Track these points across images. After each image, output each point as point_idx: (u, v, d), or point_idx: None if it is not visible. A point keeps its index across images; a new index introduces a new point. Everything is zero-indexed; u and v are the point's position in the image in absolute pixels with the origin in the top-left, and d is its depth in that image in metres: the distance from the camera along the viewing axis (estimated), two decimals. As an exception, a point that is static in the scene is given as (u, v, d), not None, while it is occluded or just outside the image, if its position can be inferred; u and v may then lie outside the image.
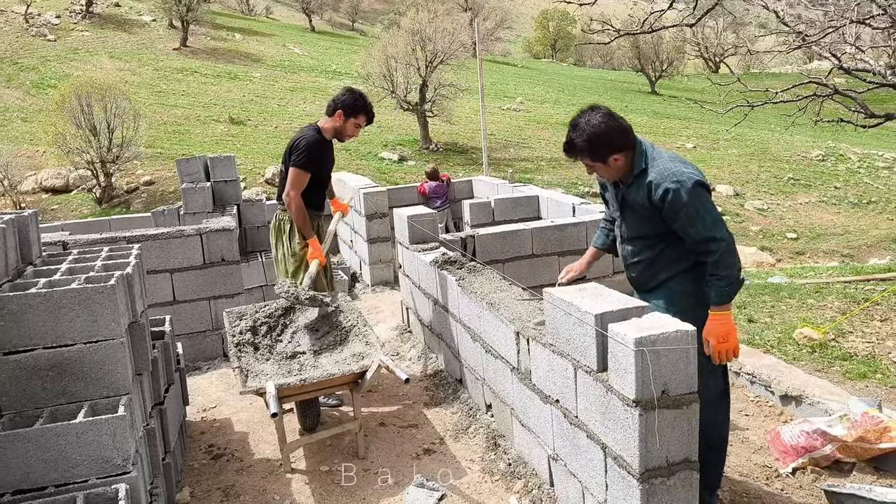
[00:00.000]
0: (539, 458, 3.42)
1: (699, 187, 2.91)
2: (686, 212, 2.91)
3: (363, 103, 4.60)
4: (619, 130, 3.04)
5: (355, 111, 4.55)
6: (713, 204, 2.96)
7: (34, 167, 19.97)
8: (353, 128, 4.59)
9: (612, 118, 3.05)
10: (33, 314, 2.65)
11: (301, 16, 53.57)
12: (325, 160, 4.62)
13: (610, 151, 3.03)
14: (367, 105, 4.64)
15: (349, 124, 4.57)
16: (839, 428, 3.62)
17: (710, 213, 2.92)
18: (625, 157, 3.07)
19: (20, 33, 32.14)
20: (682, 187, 2.90)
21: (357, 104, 4.56)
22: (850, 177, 24.69)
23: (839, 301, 7.15)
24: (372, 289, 7.49)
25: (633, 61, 42.56)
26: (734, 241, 2.97)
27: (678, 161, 3.04)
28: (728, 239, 2.92)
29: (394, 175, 20.58)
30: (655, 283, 3.15)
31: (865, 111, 8.71)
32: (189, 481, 3.70)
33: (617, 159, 3.05)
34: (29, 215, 3.23)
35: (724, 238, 2.91)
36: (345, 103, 4.54)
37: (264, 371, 3.71)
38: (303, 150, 4.42)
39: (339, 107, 4.54)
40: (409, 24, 24.71)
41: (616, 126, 3.04)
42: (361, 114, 4.58)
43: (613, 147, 3.03)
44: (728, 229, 2.95)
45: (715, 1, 8.32)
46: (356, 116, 4.56)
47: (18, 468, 2.51)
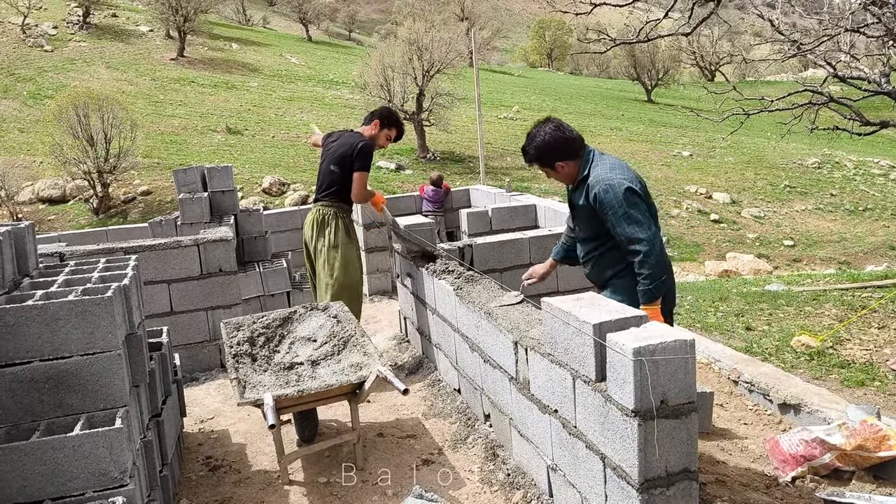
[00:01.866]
0: (538, 468, 3.41)
1: (628, 192, 3.21)
2: (614, 213, 3.23)
3: (398, 119, 5.28)
4: (564, 140, 3.43)
5: (391, 124, 5.19)
6: (644, 208, 3.24)
7: (31, 177, 19.95)
8: (384, 139, 5.19)
9: (559, 130, 3.44)
10: (30, 326, 2.64)
11: (298, 26, 53.72)
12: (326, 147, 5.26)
13: (556, 159, 3.44)
14: (401, 123, 5.32)
15: (382, 134, 5.17)
16: (838, 436, 3.62)
17: (634, 216, 3.19)
18: (572, 164, 3.45)
19: (17, 44, 32.17)
20: (611, 191, 3.23)
21: (393, 118, 5.23)
22: (846, 184, 24.77)
23: (836, 308, 7.16)
24: (370, 298, 7.48)
25: (629, 70, 42.72)
26: (662, 245, 3.22)
27: (616, 168, 3.34)
28: (652, 241, 3.17)
29: (391, 184, 20.59)
30: (605, 279, 3.50)
31: (861, 119, 8.74)
32: (186, 493, 3.68)
33: (563, 166, 3.46)
34: (26, 227, 3.22)
35: (648, 240, 3.17)
36: (383, 115, 5.21)
37: (262, 382, 3.70)
38: (367, 156, 5.01)
39: (377, 117, 5.18)
40: (405, 34, 24.80)
41: (561, 137, 3.43)
42: (395, 127, 5.21)
43: (559, 155, 3.43)
44: (656, 233, 3.21)
45: (710, 10, 8.36)
46: (390, 129, 5.19)
47: (15, 482, 2.50)
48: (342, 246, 5.04)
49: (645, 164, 25.23)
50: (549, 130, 3.44)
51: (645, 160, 25.74)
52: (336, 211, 5.08)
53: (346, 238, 5.08)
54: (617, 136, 29.60)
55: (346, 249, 5.05)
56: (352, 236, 5.15)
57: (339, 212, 5.10)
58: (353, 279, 5.06)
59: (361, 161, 4.96)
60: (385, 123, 5.16)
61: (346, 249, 5.05)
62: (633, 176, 3.32)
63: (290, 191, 19.58)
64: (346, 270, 5.01)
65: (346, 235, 5.09)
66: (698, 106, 22.09)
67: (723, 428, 4.33)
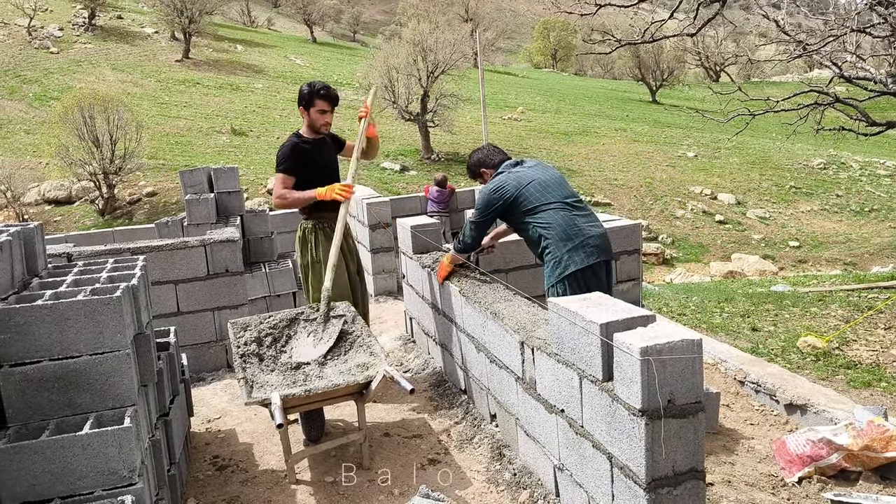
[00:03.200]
0: (544, 468, 3.42)
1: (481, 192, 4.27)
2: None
3: (314, 89, 4.58)
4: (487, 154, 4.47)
5: (310, 100, 4.57)
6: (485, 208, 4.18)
7: (37, 179, 20.04)
8: (318, 116, 4.60)
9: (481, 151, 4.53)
10: (39, 326, 2.65)
11: (303, 27, 53.84)
12: (309, 160, 4.61)
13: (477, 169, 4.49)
14: (319, 89, 4.59)
15: (312, 114, 4.60)
16: (845, 437, 3.62)
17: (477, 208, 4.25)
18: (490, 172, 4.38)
19: (23, 46, 32.31)
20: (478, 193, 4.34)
21: (309, 93, 4.57)
22: (852, 185, 24.72)
23: (843, 309, 7.14)
24: (375, 299, 7.50)
25: (633, 71, 42.69)
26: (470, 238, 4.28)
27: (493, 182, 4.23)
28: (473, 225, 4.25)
29: (395, 185, 20.62)
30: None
31: (866, 119, 8.73)
32: (194, 493, 3.69)
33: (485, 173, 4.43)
34: (35, 227, 3.23)
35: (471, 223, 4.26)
36: (300, 97, 4.62)
37: (269, 382, 3.71)
38: (279, 157, 4.59)
39: (298, 104, 4.66)
40: (410, 35, 24.84)
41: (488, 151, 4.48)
42: (316, 99, 4.56)
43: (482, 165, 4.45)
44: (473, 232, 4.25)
45: (715, 11, 8.35)
46: (314, 105, 4.57)
47: (24, 480, 2.51)
48: (322, 256, 4.61)
49: (649, 164, 25.22)
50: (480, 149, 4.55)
51: (649, 161, 25.72)
52: (314, 224, 4.70)
53: (326, 247, 4.60)
54: (621, 137, 29.57)
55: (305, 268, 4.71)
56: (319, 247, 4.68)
57: (318, 223, 4.70)
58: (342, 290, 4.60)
59: (277, 163, 4.59)
60: (305, 103, 4.60)
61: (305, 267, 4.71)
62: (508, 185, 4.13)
63: (295, 192, 19.59)
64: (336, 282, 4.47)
65: (327, 244, 4.62)
66: (703, 107, 22.06)
67: (729, 428, 4.32)
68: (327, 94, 4.59)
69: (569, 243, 3.93)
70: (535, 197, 4.04)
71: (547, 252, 4.00)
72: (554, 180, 4.13)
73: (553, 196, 4.04)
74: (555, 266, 3.94)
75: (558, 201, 4.03)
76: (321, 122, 4.63)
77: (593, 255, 3.95)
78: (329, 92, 4.61)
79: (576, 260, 3.90)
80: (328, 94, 4.59)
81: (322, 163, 4.71)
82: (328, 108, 4.62)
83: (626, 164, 25.05)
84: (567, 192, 4.11)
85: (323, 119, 4.63)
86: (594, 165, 24.66)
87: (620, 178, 23.22)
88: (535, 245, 4.11)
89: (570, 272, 3.88)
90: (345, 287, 4.64)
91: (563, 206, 4.02)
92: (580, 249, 3.93)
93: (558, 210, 4.00)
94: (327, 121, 4.66)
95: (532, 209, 4.03)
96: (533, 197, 4.04)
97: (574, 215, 4.00)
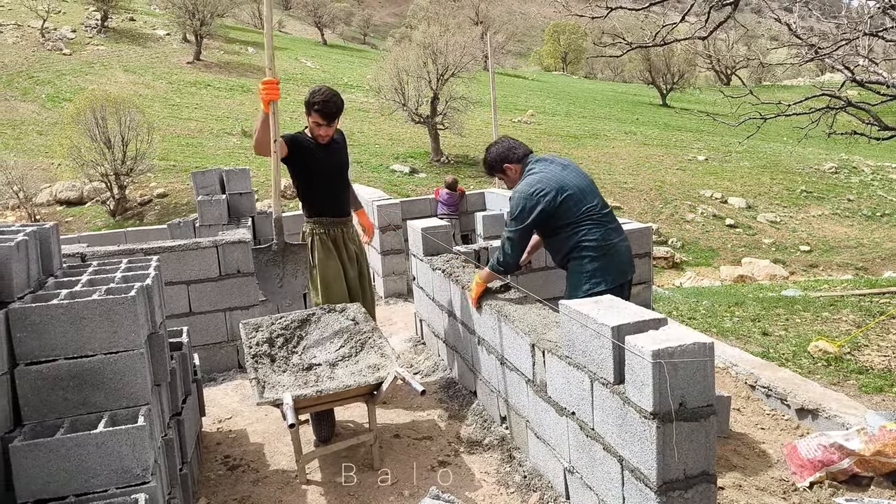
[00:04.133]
0: (555, 470, 3.42)
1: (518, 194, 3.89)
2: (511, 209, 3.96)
3: (312, 100, 4.32)
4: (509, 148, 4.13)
5: (308, 109, 4.37)
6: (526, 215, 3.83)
7: (49, 179, 20.18)
8: (314, 126, 4.40)
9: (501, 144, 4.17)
10: (55, 325, 2.68)
11: (313, 29, 54.02)
12: (309, 156, 4.45)
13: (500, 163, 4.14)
14: (315, 103, 4.31)
15: (310, 122, 4.40)
16: (857, 442, 3.60)
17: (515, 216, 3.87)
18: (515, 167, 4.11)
19: (36, 47, 32.56)
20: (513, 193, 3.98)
21: (308, 102, 4.35)
22: (864, 189, 24.58)
23: (854, 314, 7.11)
24: (385, 301, 7.51)
25: (643, 74, 42.59)
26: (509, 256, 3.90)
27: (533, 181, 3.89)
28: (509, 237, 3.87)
29: (405, 187, 20.65)
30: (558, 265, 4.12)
31: (879, 123, 8.68)
32: (205, 492, 3.71)
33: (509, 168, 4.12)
34: (50, 227, 3.26)
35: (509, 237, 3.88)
36: (306, 99, 4.41)
37: (281, 382, 3.73)
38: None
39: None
40: (420, 38, 24.87)
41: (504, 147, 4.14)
42: (312, 111, 4.33)
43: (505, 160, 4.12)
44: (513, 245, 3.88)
45: (727, 14, 8.33)
46: (311, 115, 4.36)
47: (39, 477, 2.53)
48: (318, 264, 4.51)
49: (660, 168, 25.16)
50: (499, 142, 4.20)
51: (660, 164, 25.66)
52: (312, 228, 4.57)
53: (322, 255, 4.52)
54: (631, 140, 29.52)
55: (322, 268, 4.52)
56: (329, 250, 4.55)
57: (315, 227, 4.56)
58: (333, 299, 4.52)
59: None
60: (306, 110, 4.39)
61: (323, 268, 4.52)
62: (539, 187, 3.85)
63: (305, 194, 19.66)
64: (326, 292, 4.51)
65: (323, 251, 4.53)
66: (714, 110, 22.00)
67: (740, 432, 4.31)
68: (321, 111, 4.32)
69: (603, 259, 3.81)
70: (577, 207, 3.84)
71: (578, 263, 3.85)
72: (588, 187, 3.96)
73: (590, 205, 3.87)
74: (585, 279, 3.82)
75: (596, 213, 3.87)
76: (316, 134, 4.44)
77: (623, 275, 3.91)
78: (325, 108, 4.31)
79: (608, 279, 3.81)
80: (322, 111, 4.32)
81: (326, 163, 4.51)
82: (323, 122, 4.36)
83: (636, 168, 25.00)
84: (600, 200, 3.95)
85: (318, 131, 4.42)
86: (604, 169, 24.62)
87: (630, 181, 23.17)
88: (563, 253, 3.93)
89: (599, 290, 3.71)
90: (342, 297, 4.53)
91: (599, 217, 3.87)
92: (613, 268, 3.84)
93: (596, 223, 3.85)
94: (322, 133, 4.42)
95: (574, 221, 3.83)
96: (575, 207, 3.84)
97: (608, 229, 3.88)
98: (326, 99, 4.32)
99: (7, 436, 2.58)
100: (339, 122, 4.51)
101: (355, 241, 4.75)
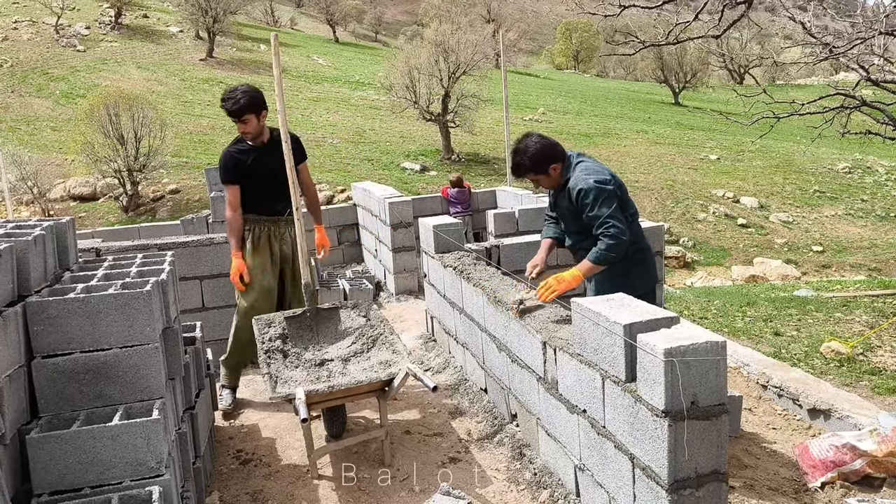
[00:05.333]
0: (565, 468, 3.42)
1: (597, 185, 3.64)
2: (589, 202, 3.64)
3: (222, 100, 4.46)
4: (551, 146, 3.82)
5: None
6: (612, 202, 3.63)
7: (63, 175, 20.32)
8: (237, 124, 4.49)
9: (544, 139, 3.84)
10: (71, 319, 2.71)
11: (325, 27, 54.10)
12: (248, 167, 4.51)
13: (548, 163, 3.79)
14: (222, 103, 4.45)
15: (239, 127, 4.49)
16: (869, 442, 3.59)
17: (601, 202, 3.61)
18: (559, 166, 3.82)
19: (51, 44, 32.77)
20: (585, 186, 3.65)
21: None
22: (878, 189, 24.38)
23: (867, 315, 7.07)
24: (396, 298, 7.53)
25: (656, 73, 42.37)
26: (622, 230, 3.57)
27: (590, 170, 3.74)
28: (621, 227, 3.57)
29: (416, 185, 20.67)
30: None
31: (894, 123, 8.62)
32: (218, 486, 3.74)
33: (555, 168, 3.81)
34: (66, 222, 3.30)
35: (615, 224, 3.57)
36: None
37: (293, 377, 3.75)
38: (221, 167, 4.60)
39: None
40: (432, 36, 24.89)
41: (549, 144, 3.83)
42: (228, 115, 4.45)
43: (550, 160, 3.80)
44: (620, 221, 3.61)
45: (741, 12, 8.29)
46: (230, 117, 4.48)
47: (55, 469, 2.56)
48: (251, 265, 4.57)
49: (671, 167, 25.06)
50: (536, 141, 3.83)
51: (671, 163, 25.56)
52: (246, 227, 4.62)
53: (250, 259, 4.57)
54: (643, 139, 29.41)
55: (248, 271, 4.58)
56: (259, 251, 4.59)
57: (248, 226, 4.62)
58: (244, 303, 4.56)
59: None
60: None
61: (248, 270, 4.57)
62: (602, 174, 3.73)
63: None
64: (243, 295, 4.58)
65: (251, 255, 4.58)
66: (727, 109, 21.87)
67: (751, 432, 4.30)
68: (226, 109, 4.43)
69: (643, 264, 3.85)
70: (627, 204, 3.79)
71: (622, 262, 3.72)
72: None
73: (632, 205, 3.87)
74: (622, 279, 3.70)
75: (635, 211, 3.88)
76: (240, 132, 4.53)
77: (654, 281, 3.96)
78: (226, 106, 4.42)
79: (644, 282, 3.83)
80: (226, 109, 4.43)
81: (260, 173, 4.52)
82: (234, 120, 4.45)
83: (648, 167, 24.91)
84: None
85: (240, 128, 4.49)
86: (615, 167, 24.39)
87: (642, 180, 23.09)
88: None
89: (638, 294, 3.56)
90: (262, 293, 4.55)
91: (637, 219, 3.89)
92: (649, 270, 3.90)
93: (637, 224, 3.86)
94: (242, 131, 4.49)
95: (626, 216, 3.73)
96: (627, 203, 3.80)
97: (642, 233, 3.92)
98: (226, 97, 4.43)
99: (24, 428, 2.62)
100: (261, 118, 4.52)
101: (287, 243, 4.69)
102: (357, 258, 9.48)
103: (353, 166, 22.24)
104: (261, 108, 4.50)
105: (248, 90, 4.46)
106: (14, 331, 2.57)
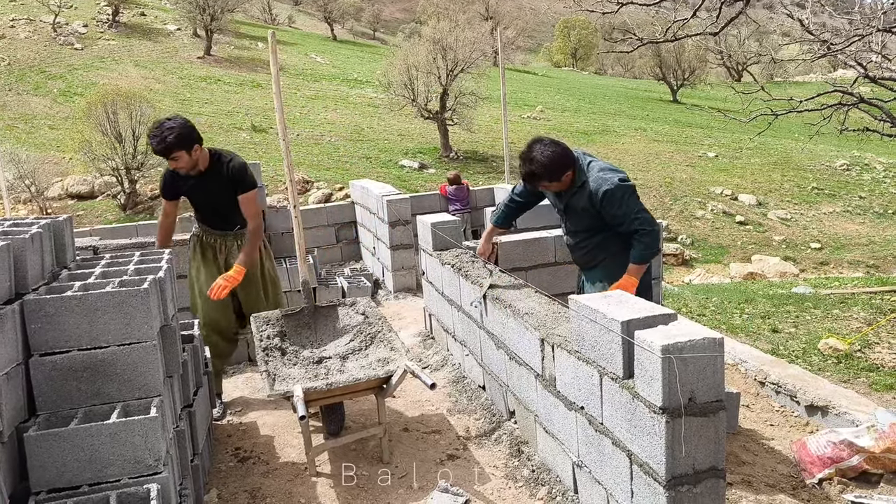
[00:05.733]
0: (563, 464, 3.43)
1: (621, 182, 3.74)
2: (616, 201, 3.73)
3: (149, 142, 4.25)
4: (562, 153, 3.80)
5: None
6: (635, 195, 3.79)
7: (60, 173, 20.28)
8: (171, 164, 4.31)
9: (556, 144, 3.82)
10: (69, 316, 2.70)
11: (323, 25, 54.03)
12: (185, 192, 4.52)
13: (563, 170, 3.80)
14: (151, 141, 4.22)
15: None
16: (866, 439, 3.59)
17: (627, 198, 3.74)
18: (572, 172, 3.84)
19: (48, 42, 32.68)
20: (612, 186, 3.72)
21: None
22: (876, 186, 24.41)
23: (865, 312, 7.08)
24: (395, 295, 7.54)
25: (654, 70, 42.37)
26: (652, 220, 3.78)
27: (606, 169, 3.83)
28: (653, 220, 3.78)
29: (414, 183, 20.65)
30: (595, 262, 4.03)
31: (892, 120, 8.62)
32: (216, 483, 3.74)
33: (568, 175, 3.83)
34: (64, 220, 3.30)
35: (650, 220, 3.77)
36: None
37: (291, 375, 3.76)
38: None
39: None
40: (430, 34, 24.84)
41: (561, 150, 3.81)
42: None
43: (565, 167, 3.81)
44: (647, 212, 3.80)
45: (739, 10, 8.29)
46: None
47: (53, 467, 2.56)
48: (191, 264, 4.65)
49: (669, 164, 25.06)
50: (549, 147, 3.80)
51: (669, 161, 25.56)
52: (193, 230, 4.74)
53: (193, 255, 4.67)
54: (641, 137, 29.41)
55: (194, 269, 4.67)
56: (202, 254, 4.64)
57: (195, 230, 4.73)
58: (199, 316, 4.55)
59: None
60: None
61: (195, 269, 4.66)
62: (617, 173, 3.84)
63: (314, 189, 19.73)
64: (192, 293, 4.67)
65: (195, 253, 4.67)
66: (725, 106, 21.87)
67: (749, 429, 4.31)
68: (153, 148, 4.24)
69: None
70: None
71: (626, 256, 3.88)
72: None
73: None
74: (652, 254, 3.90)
75: None
76: (171, 167, 4.37)
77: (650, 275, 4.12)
78: (153, 144, 4.21)
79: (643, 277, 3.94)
80: (154, 149, 4.24)
81: (196, 199, 4.53)
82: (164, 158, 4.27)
83: (646, 164, 24.90)
84: None
85: (171, 165, 4.31)
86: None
87: (640, 177, 23.07)
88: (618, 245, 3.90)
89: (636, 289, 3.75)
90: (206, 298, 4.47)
91: None
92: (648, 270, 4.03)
93: None
94: (174, 167, 4.32)
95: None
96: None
97: None
98: (152, 135, 4.22)
99: (22, 425, 2.62)
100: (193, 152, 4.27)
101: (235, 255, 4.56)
102: (355, 256, 9.48)
103: (351, 164, 22.22)
104: (191, 143, 4.23)
105: (176, 126, 4.19)
106: (11, 329, 2.57)
